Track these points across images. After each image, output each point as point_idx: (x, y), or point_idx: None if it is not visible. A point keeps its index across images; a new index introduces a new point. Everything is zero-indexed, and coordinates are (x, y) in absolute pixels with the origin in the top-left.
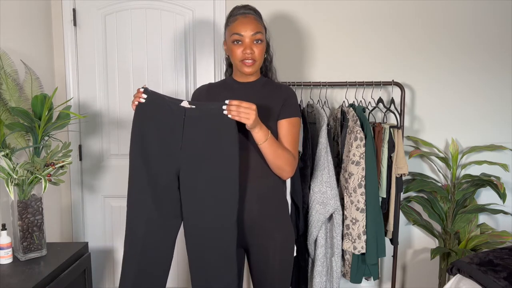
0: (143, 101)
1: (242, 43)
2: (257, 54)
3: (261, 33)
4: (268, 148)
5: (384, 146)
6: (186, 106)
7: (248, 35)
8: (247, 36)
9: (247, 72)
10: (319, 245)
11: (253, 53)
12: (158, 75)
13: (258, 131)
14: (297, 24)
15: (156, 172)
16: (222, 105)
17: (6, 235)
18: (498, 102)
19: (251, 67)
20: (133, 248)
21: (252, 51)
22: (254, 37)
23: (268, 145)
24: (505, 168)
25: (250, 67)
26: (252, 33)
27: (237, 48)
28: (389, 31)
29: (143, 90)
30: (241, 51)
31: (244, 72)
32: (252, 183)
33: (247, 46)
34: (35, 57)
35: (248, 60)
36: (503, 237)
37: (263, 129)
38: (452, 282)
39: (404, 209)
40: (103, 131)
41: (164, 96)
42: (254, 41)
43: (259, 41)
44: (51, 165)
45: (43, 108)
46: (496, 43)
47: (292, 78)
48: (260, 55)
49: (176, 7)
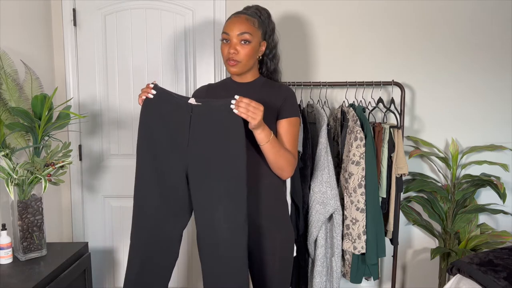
0: (151, 96)
1: (230, 42)
2: (242, 55)
3: (250, 34)
4: (271, 149)
5: (384, 146)
6: (193, 103)
7: (234, 34)
8: (233, 35)
9: (231, 72)
10: (319, 245)
11: (236, 53)
12: (158, 75)
13: (261, 132)
14: (297, 24)
15: (164, 168)
16: (231, 100)
17: (6, 235)
18: (498, 102)
19: (235, 67)
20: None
21: (236, 51)
22: (241, 37)
23: (271, 146)
24: (505, 168)
25: (234, 67)
26: (238, 32)
27: (224, 47)
28: (389, 31)
29: (153, 86)
30: (227, 50)
31: (229, 72)
32: (252, 183)
33: (232, 45)
34: (35, 57)
35: (231, 60)
36: (503, 237)
37: (266, 130)
38: (452, 282)
39: (404, 209)
40: (103, 131)
41: (172, 93)
42: (241, 41)
43: (246, 42)
44: (51, 165)
45: (43, 108)
46: (496, 43)
47: (292, 78)
48: (246, 56)
49: (176, 7)
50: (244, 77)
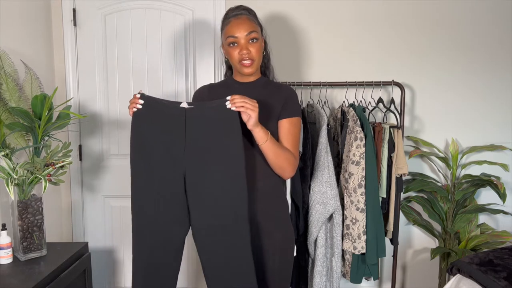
0: (140, 107)
1: (238, 44)
2: (254, 53)
3: (256, 31)
4: (270, 148)
5: (384, 146)
6: (186, 107)
7: (243, 35)
8: (241, 37)
9: (247, 73)
10: (319, 245)
11: (249, 53)
12: (158, 75)
13: (260, 131)
14: (297, 25)
15: (162, 178)
16: (225, 101)
17: (6, 235)
18: (498, 102)
19: (250, 67)
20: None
21: (249, 50)
22: (249, 36)
23: (270, 145)
24: (505, 168)
25: (249, 67)
26: (246, 33)
27: (234, 50)
28: (390, 31)
29: (140, 96)
30: (238, 52)
31: (244, 73)
32: (252, 182)
33: (243, 47)
34: (35, 57)
35: (246, 61)
36: (503, 237)
37: (264, 129)
38: (452, 282)
39: (404, 209)
40: (103, 131)
41: (161, 100)
42: (250, 41)
43: (254, 40)
44: (51, 165)
45: (43, 108)
46: (496, 43)
47: (292, 78)
48: (258, 53)
49: (176, 7)
50: (248, 77)
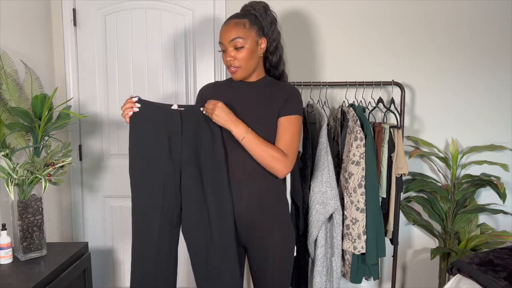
0: (137, 110)
1: (226, 51)
2: (239, 60)
3: (241, 38)
4: (249, 144)
5: (384, 146)
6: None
7: (227, 42)
8: (226, 44)
9: (234, 78)
10: (319, 245)
11: (233, 60)
12: (158, 75)
13: (234, 128)
14: (297, 25)
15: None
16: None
17: (6, 235)
18: (498, 102)
19: (236, 73)
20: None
21: (232, 57)
22: (232, 43)
23: (249, 141)
24: (505, 168)
25: (235, 74)
26: (229, 40)
27: (223, 57)
28: (389, 31)
29: (137, 100)
30: (225, 58)
31: (234, 79)
32: (251, 182)
33: (228, 53)
34: (35, 57)
35: (231, 68)
36: (503, 237)
37: (240, 126)
38: (452, 282)
39: (404, 209)
40: (103, 131)
41: (155, 103)
42: (235, 48)
43: (239, 47)
44: (51, 165)
45: (43, 108)
46: (496, 43)
47: (292, 78)
48: (243, 60)
49: (176, 7)
50: (248, 78)
